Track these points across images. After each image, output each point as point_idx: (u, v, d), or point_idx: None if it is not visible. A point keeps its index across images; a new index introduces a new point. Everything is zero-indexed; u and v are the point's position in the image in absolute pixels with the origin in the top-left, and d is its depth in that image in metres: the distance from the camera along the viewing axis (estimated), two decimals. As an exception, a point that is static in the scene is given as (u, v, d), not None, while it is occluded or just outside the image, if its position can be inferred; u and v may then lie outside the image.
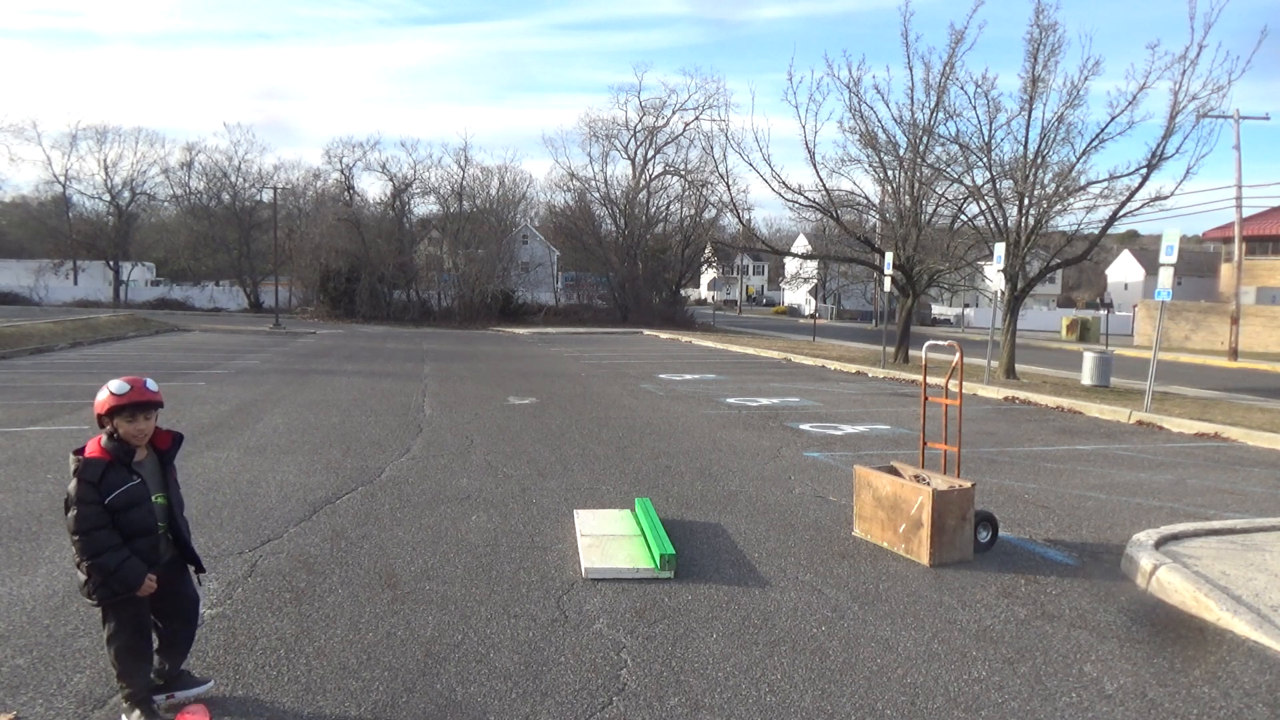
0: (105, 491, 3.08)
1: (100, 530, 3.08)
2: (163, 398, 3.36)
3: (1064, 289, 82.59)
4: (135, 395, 3.19)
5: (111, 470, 3.12)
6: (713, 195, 40.62)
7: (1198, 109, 15.13)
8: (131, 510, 3.14)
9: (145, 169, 51.02)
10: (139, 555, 3.14)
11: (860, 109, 20.33)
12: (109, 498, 3.09)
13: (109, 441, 3.18)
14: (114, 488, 3.10)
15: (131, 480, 3.16)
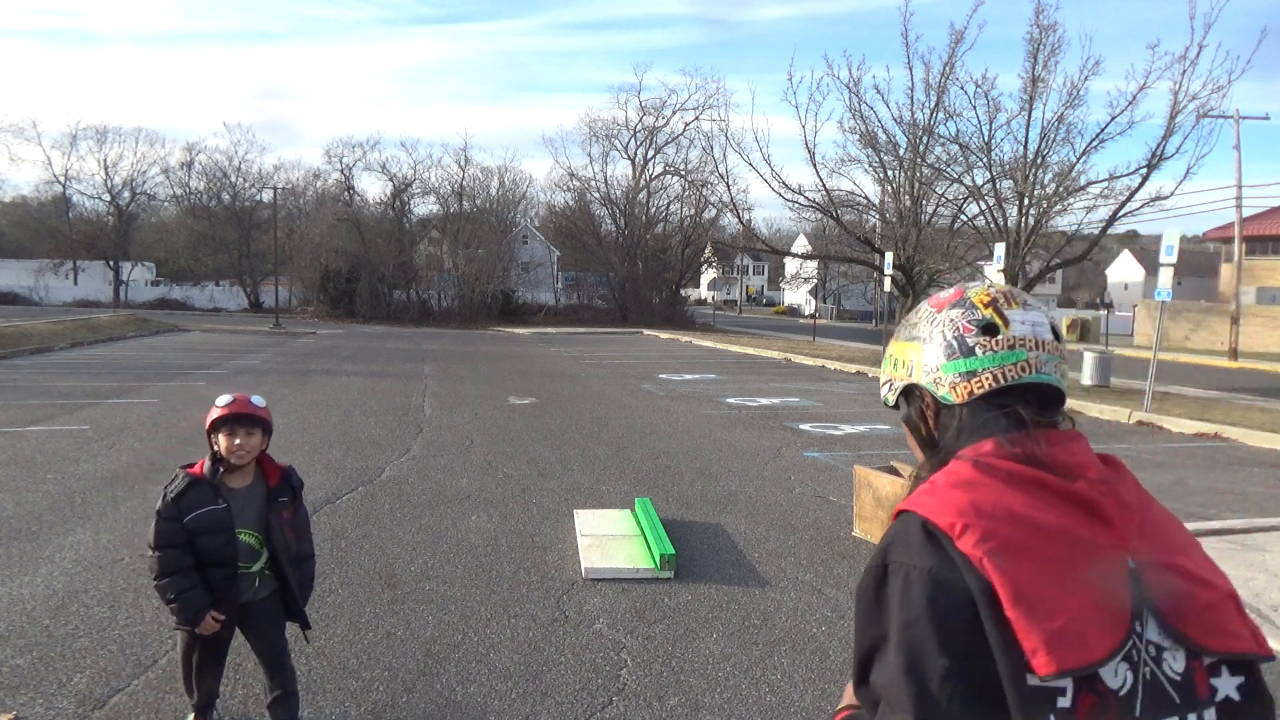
0: (185, 510, 2.90)
1: (172, 550, 2.89)
2: (270, 417, 3.14)
3: (1064, 289, 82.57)
4: (236, 408, 3.00)
5: (196, 488, 2.94)
6: (713, 195, 40.61)
7: (1198, 109, 15.18)
8: (206, 536, 2.91)
9: (145, 169, 51.05)
10: (210, 587, 2.93)
11: (860, 109, 20.38)
12: (188, 517, 2.90)
13: (209, 460, 3.01)
14: (194, 507, 2.91)
15: (215, 504, 2.93)
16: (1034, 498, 1.02)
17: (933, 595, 0.98)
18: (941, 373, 1.16)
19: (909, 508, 1.07)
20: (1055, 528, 1.00)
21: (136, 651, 3.87)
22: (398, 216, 47.49)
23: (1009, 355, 1.14)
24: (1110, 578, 0.99)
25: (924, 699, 0.95)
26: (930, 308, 1.21)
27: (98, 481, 7.06)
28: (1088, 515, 1.02)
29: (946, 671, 0.95)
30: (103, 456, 8.05)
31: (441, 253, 45.61)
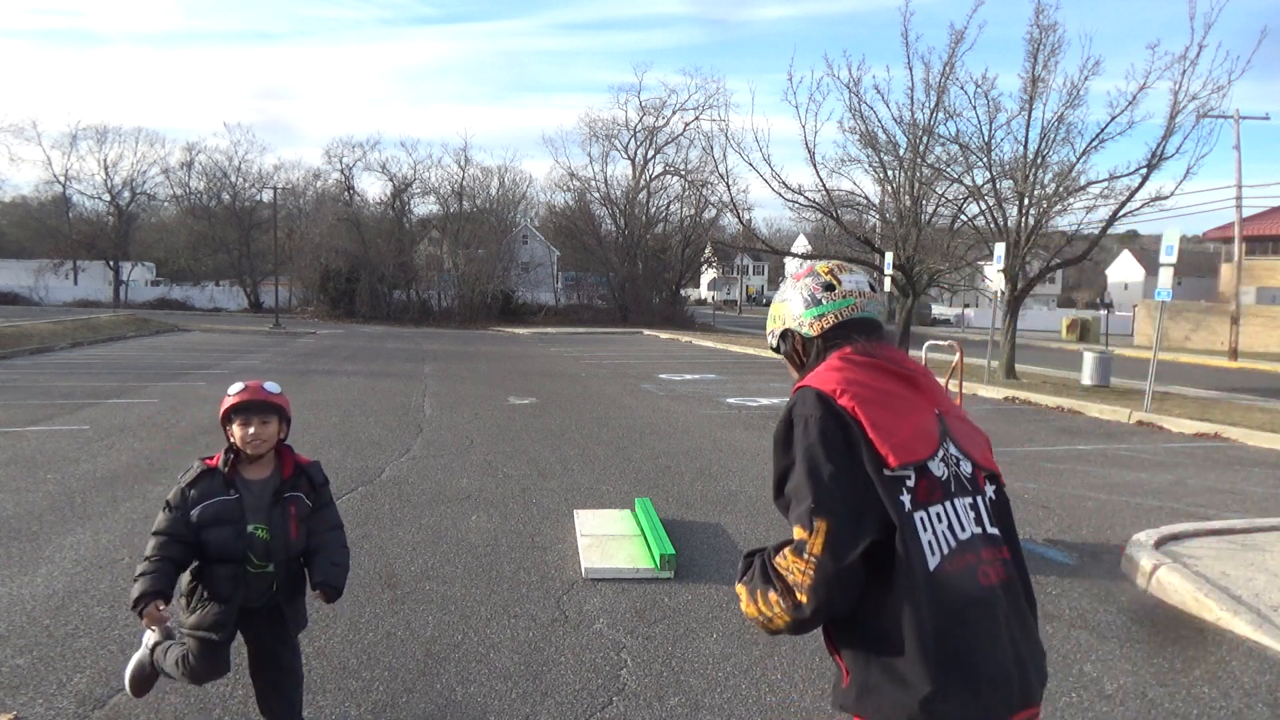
0: (194, 501, 2.79)
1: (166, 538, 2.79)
2: (288, 404, 2.95)
3: (1064, 289, 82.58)
4: (249, 395, 2.85)
5: (208, 478, 2.82)
6: (713, 195, 40.56)
7: (1198, 109, 15.12)
8: (215, 528, 2.78)
9: (145, 169, 51.03)
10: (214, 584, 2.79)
11: (860, 109, 20.32)
12: (195, 508, 2.78)
13: (225, 452, 2.90)
14: (204, 498, 2.79)
15: (226, 494, 2.81)
16: (877, 374, 1.67)
17: (823, 429, 1.57)
18: (803, 317, 1.83)
19: (805, 384, 1.68)
20: (891, 389, 1.66)
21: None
22: (398, 216, 47.49)
23: (843, 301, 1.80)
24: (925, 417, 1.67)
25: (820, 489, 1.53)
26: (792, 279, 1.88)
27: (98, 481, 7.06)
28: (909, 384, 1.70)
29: (833, 473, 1.54)
30: (103, 456, 8.05)
31: (441, 253, 45.60)
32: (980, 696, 1.51)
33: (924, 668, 1.49)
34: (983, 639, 1.54)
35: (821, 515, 1.52)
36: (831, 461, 1.55)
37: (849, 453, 1.56)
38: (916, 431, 1.62)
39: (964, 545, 1.59)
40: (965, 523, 1.62)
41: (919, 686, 1.49)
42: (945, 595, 1.53)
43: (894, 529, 1.53)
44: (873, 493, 1.54)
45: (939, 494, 1.60)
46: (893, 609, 1.53)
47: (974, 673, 1.51)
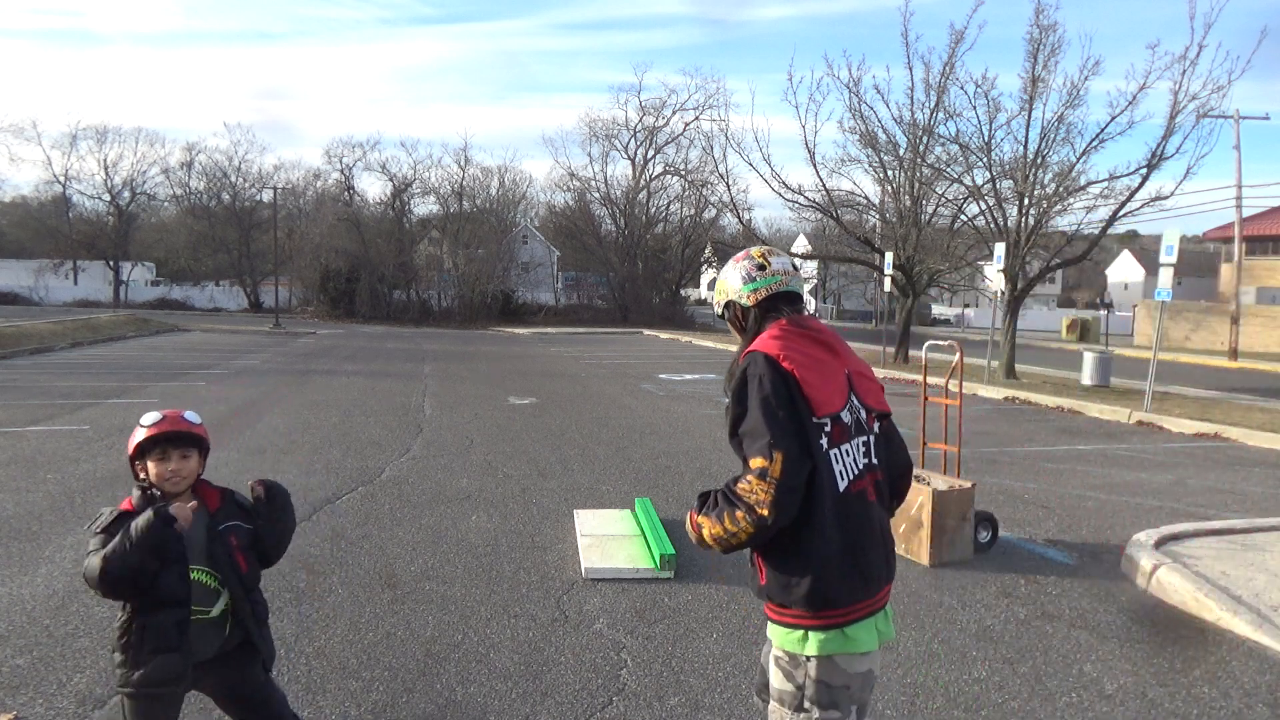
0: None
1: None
2: (207, 435, 2.72)
3: (1064, 289, 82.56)
4: (167, 426, 2.55)
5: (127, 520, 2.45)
6: (713, 195, 40.65)
7: (1198, 109, 15.12)
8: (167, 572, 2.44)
9: (145, 169, 51.08)
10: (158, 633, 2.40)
11: (860, 109, 20.34)
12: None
13: (138, 493, 2.53)
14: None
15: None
16: (807, 343, 2.13)
17: (773, 385, 2.03)
18: (742, 290, 2.28)
19: (754, 349, 2.12)
20: (818, 356, 2.13)
21: (136, 651, 3.88)
22: (398, 216, 47.51)
23: (772, 278, 2.26)
24: (840, 378, 2.15)
25: (776, 428, 1.98)
26: (732, 261, 2.34)
27: (98, 481, 7.06)
28: (830, 350, 2.17)
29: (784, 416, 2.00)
30: (103, 456, 8.05)
31: (441, 253, 45.61)
32: (865, 578, 2.10)
33: (837, 561, 2.06)
34: (867, 539, 2.11)
35: (779, 448, 1.98)
36: (782, 409, 2.02)
37: (792, 403, 2.04)
38: (834, 390, 2.13)
39: (860, 473, 2.13)
40: (859, 456, 2.15)
41: (833, 573, 2.05)
42: (847, 509, 2.08)
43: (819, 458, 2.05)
44: (806, 433, 2.03)
45: (846, 436, 2.12)
46: (810, 520, 2.04)
47: (862, 562, 2.10)
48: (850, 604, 2.08)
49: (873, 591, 2.13)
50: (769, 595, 2.18)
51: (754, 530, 2.01)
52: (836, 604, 2.07)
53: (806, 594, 2.06)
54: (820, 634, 2.09)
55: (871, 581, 2.12)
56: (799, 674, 2.14)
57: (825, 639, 2.09)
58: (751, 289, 2.25)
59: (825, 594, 2.06)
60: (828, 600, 2.06)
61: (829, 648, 2.09)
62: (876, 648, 2.15)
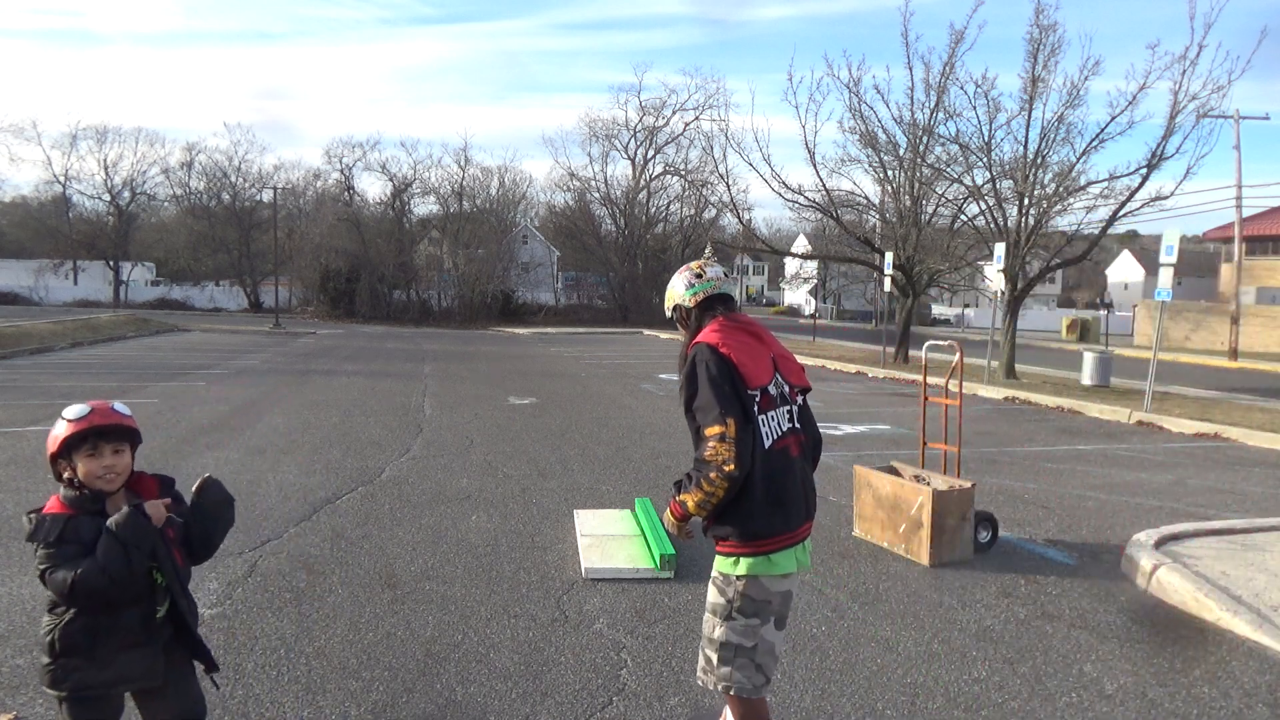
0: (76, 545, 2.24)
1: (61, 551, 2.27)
2: (137, 425, 2.49)
3: (1064, 289, 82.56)
4: (97, 419, 2.31)
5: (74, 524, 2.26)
6: (713, 195, 40.67)
7: (1198, 109, 15.12)
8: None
9: (145, 169, 51.13)
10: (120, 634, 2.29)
11: (860, 109, 20.34)
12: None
13: (69, 492, 2.32)
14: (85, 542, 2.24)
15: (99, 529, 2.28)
16: (740, 334, 2.66)
17: (718, 367, 2.54)
18: (685, 295, 2.80)
19: (700, 341, 2.64)
20: (749, 343, 2.65)
21: (136, 651, 3.87)
22: (398, 216, 47.52)
23: (708, 284, 2.78)
24: (766, 360, 2.65)
25: (724, 400, 2.48)
26: (677, 273, 2.87)
27: (98, 481, 7.05)
28: (758, 339, 2.69)
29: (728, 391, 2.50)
30: (103, 456, 8.04)
31: (441, 253, 45.62)
32: (786, 516, 2.63)
33: (763, 501, 2.57)
34: (789, 485, 2.65)
35: (730, 415, 2.51)
36: (725, 385, 2.55)
37: (732, 380, 2.57)
38: (762, 369, 2.65)
39: (784, 433, 2.67)
40: (783, 422, 2.68)
41: (760, 511, 2.58)
42: (771, 463, 2.60)
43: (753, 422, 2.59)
44: (745, 402, 2.57)
45: (772, 405, 2.66)
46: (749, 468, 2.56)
47: (784, 503, 2.62)
48: (774, 536, 2.62)
49: (793, 526, 2.66)
50: (714, 528, 2.69)
51: (727, 485, 2.51)
52: (762, 536, 2.61)
53: (739, 528, 2.61)
54: (749, 559, 2.63)
55: (792, 518, 2.66)
56: (729, 590, 2.68)
57: (753, 563, 2.63)
58: (692, 293, 2.80)
59: (754, 528, 2.60)
60: (756, 533, 2.60)
61: (755, 570, 2.63)
62: (795, 571, 2.69)
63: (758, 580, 2.63)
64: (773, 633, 2.71)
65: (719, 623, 2.73)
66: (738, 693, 2.72)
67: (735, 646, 2.70)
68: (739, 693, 2.71)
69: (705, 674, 2.80)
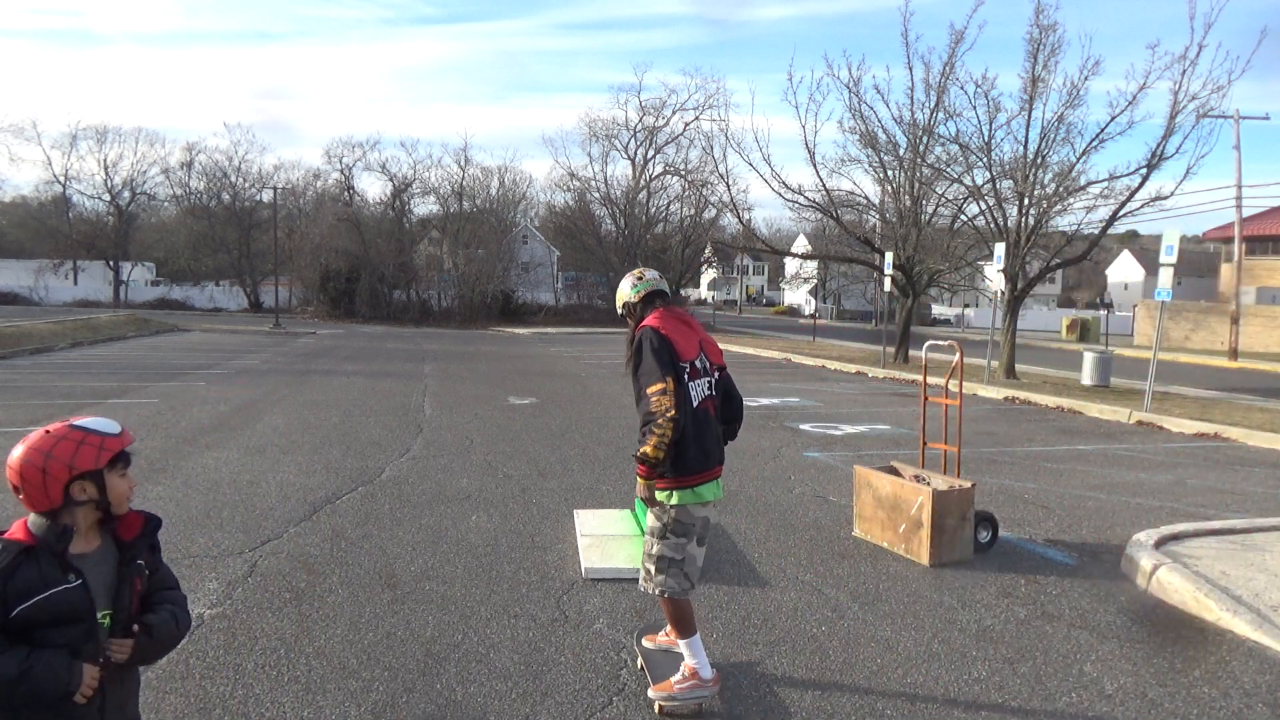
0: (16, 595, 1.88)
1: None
2: None
3: (1064, 289, 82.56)
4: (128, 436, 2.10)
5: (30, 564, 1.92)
6: (713, 195, 40.53)
7: (1198, 109, 15.12)
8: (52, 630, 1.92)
9: (145, 169, 51.06)
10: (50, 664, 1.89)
11: (860, 109, 20.33)
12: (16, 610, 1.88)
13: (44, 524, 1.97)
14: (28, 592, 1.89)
15: (64, 582, 1.94)
16: (676, 321, 3.53)
17: (660, 344, 3.39)
18: (631, 293, 3.70)
19: (645, 325, 3.49)
20: (681, 328, 3.52)
21: (136, 651, 3.87)
22: (398, 216, 47.49)
23: (648, 283, 3.70)
24: (694, 341, 3.54)
25: (665, 366, 3.33)
26: (624, 279, 3.77)
27: (98, 481, 7.05)
28: (688, 325, 3.57)
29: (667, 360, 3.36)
30: (103, 456, 8.04)
31: (441, 253, 45.60)
32: (707, 458, 3.45)
33: (691, 448, 3.39)
34: (709, 435, 3.49)
35: (669, 375, 3.33)
36: (665, 355, 3.38)
37: (670, 353, 3.39)
38: (691, 347, 3.50)
39: (704, 399, 3.51)
40: (704, 389, 3.53)
41: (689, 454, 3.39)
42: (698, 419, 3.44)
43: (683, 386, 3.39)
44: (679, 369, 3.40)
45: (697, 375, 3.50)
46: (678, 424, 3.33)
47: (707, 447, 3.47)
48: (698, 473, 3.45)
49: (711, 465, 3.50)
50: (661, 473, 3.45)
51: (673, 426, 3.29)
52: (691, 472, 3.43)
53: (675, 464, 3.41)
54: (680, 491, 3.46)
55: (711, 460, 3.50)
56: (665, 516, 3.51)
57: (682, 494, 3.46)
58: (636, 291, 3.72)
59: (687, 464, 3.42)
60: (686, 470, 3.43)
61: (684, 500, 3.47)
62: (712, 500, 3.54)
63: (686, 508, 3.48)
64: (695, 549, 3.57)
65: (656, 541, 3.54)
66: (670, 595, 3.54)
67: (669, 559, 3.52)
68: (671, 595, 3.54)
69: (645, 582, 3.60)
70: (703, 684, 3.48)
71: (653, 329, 3.44)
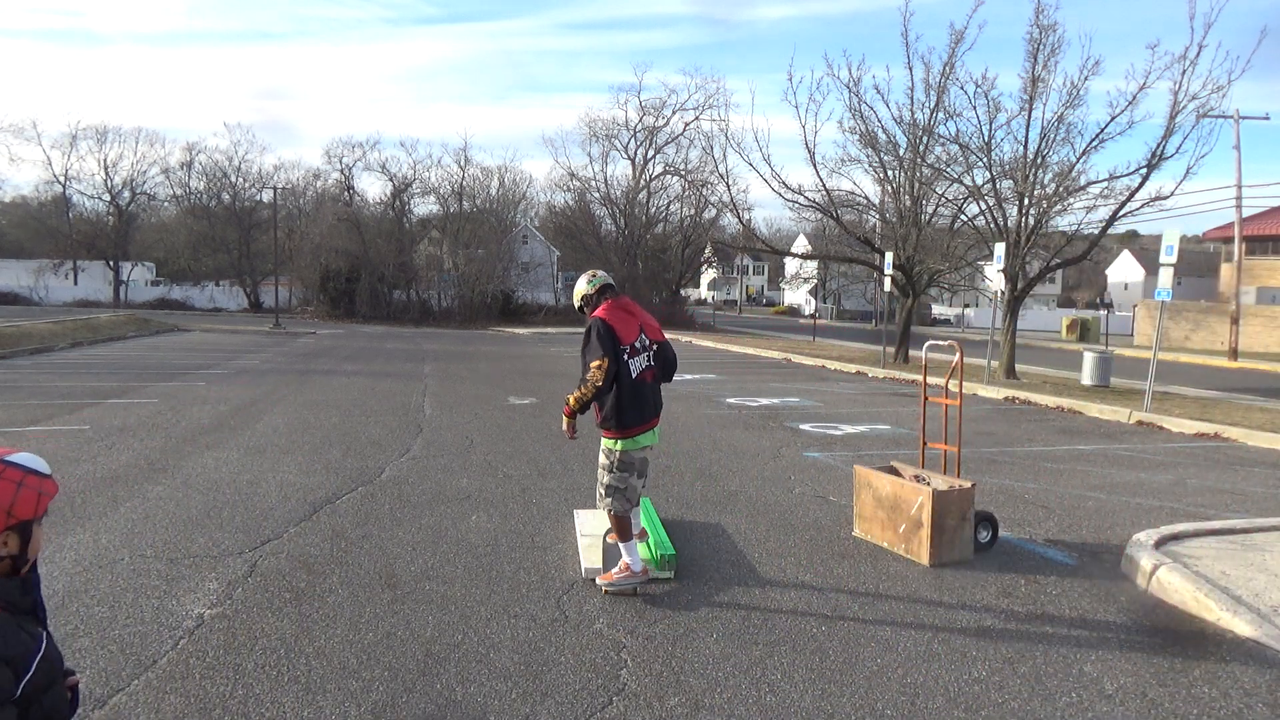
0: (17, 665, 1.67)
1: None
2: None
3: (1064, 289, 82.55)
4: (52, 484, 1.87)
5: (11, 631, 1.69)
6: (713, 195, 40.54)
7: (1198, 109, 15.12)
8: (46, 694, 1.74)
9: (145, 169, 51.06)
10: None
11: (860, 109, 20.33)
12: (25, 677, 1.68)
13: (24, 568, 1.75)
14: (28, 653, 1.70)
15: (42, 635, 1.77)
16: (621, 311, 4.83)
17: (605, 330, 4.69)
18: (588, 287, 5.00)
19: (595, 316, 4.80)
20: (625, 317, 4.81)
21: (136, 651, 3.87)
22: (398, 216, 47.48)
23: (599, 279, 5.02)
24: (635, 325, 4.82)
25: (605, 347, 4.65)
26: (582, 277, 5.10)
27: (98, 481, 7.06)
28: (632, 314, 4.88)
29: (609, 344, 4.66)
30: (103, 456, 8.05)
31: (441, 253, 45.60)
32: (643, 415, 4.75)
33: (629, 408, 4.67)
34: (645, 398, 4.75)
35: (606, 354, 4.56)
36: (608, 340, 4.59)
37: (612, 339, 4.59)
38: (631, 332, 4.69)
39: (643, 370, 4.72)
40: (643, 362, 4.73)
41: (628, 415, 4.68)
42: (635, 386, 4.68)
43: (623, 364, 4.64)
44: (618, 351, 4.61)
45: (636, 354, 4.69)
46: (621, 390, 4.65)
47: (642, 408, 4.74)
48: (635, 426, 4.73)
49: (647, 419, 4.79)
50: (603, 424, 4.76)
51: (595, 390, 4.60)
52: (630, 426, 4.72)
53: (618, 421, 4.70)
54: (622, 440, 4.74)
55: (647, 416, 4.79)
56: (611, 458, 4.79)
57: (624, 442, 4.74)
58: (592, 285, 4.95)
59: (625, 421, 4.70)
60: (626, 424, 4.71)
61: (625, 446, 4.75)
62: (649, 445, 4.85)
63: (627, 452, 4.77)
64: (635, 481, 4.83)
65: (606, 474, 4.81)
66: (616, 512, 4.79)
67: (616, 488, 4.78)
68: (617, 512, 4.79)
69: (600, 501, 4.88)
70: (633, 574, 4.79)
71: (600, 319, 4.70)
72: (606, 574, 4.82)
